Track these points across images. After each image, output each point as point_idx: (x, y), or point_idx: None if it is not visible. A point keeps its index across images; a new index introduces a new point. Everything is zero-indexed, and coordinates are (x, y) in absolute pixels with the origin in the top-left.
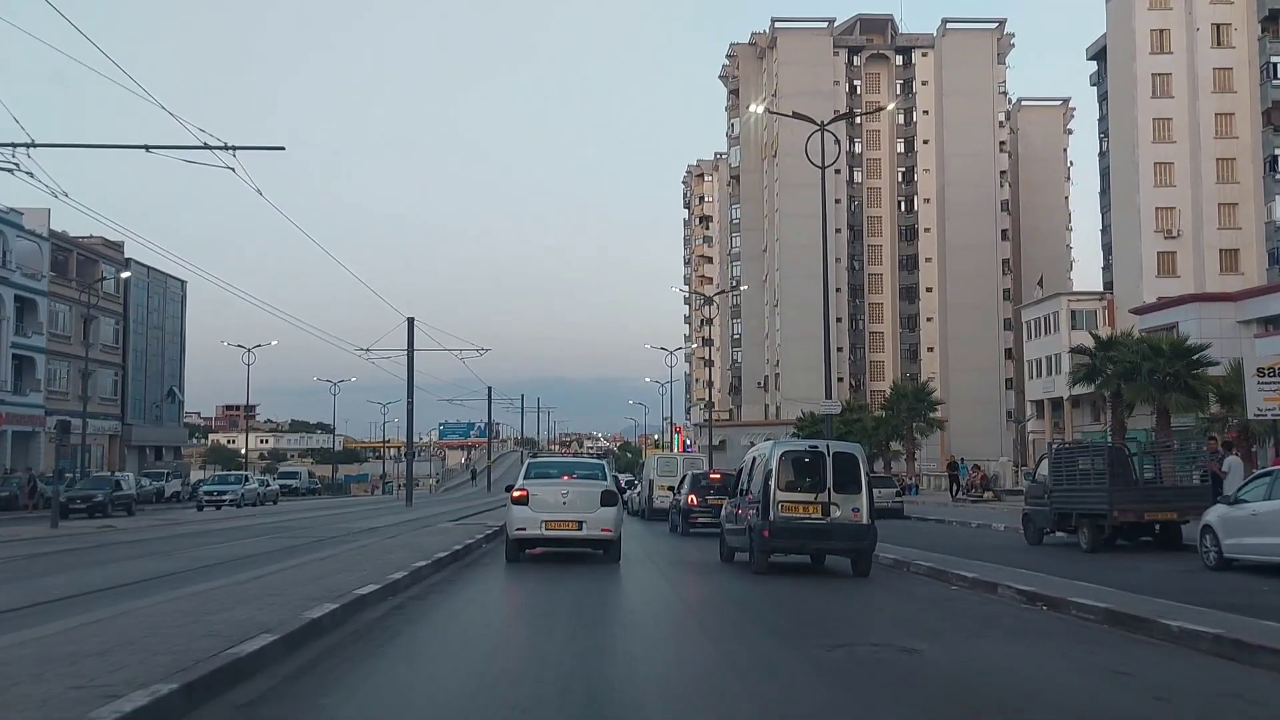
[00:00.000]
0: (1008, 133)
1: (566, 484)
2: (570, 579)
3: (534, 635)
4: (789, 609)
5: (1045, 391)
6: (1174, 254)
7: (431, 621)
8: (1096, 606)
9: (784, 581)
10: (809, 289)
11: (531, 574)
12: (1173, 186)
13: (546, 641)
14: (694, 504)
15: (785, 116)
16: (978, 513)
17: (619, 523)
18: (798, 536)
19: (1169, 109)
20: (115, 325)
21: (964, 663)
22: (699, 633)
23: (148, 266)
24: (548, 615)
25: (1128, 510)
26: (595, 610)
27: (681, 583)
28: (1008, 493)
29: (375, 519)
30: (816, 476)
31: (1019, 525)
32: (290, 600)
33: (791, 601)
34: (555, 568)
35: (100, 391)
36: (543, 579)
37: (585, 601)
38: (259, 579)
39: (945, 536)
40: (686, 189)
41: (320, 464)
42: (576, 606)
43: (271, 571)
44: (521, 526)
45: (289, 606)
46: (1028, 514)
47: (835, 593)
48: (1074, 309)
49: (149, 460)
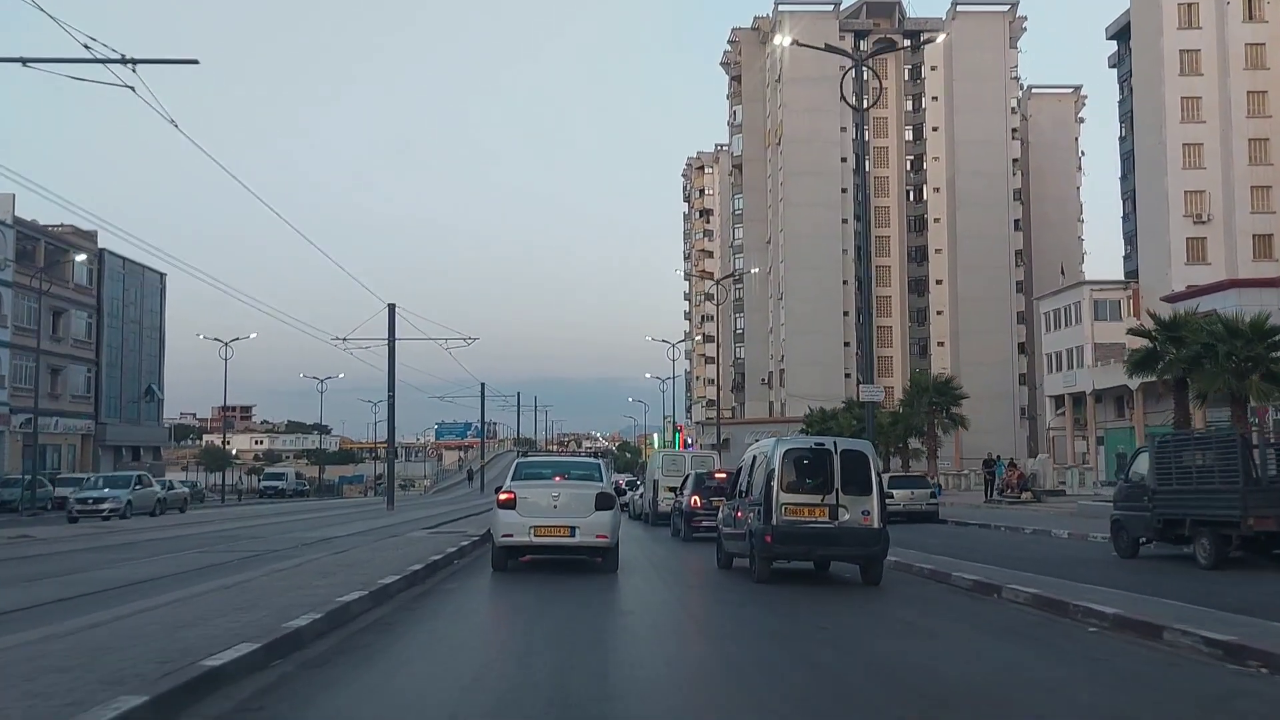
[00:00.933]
0: (1020, 119)
1: (558, 486)
2: (558, 600)
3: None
4: (837, 651)
5: (1066, 386)
6: (1204, 240)
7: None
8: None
9: (794, 596)
10: (816, 281)
11: (512, 594)
12: (1202, 169)
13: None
14: (697, 506)
15: (792, 101)
16: (1022, 516)
17: (616, 528)
18: (803, 542)
19: (1198, 87)
20: (88, 319)
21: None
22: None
23: (123, 258)
24: (521, 663)
25: (1267, 517)
26: (585, 647)
27: (692, 606)
28: (1048, 493)
29: (342, 526)
30: (823, 477)
31: (1083, 531)
32: (80, 684)
33: (839, 641)
34: (544, 581)
35: (71, 389)
36: (521, 606)
37: (571, 633)
38: (71, 635)
39: (1004, 547)
40: (686, 182)
41: (316, 465)
42: (559, 643)
43: (107, 620)
44: (508, 533)
45: (84, 686)
46: (1119, 520)
47: (902, 633)
48: (1096, 299)
49: (125, 461)
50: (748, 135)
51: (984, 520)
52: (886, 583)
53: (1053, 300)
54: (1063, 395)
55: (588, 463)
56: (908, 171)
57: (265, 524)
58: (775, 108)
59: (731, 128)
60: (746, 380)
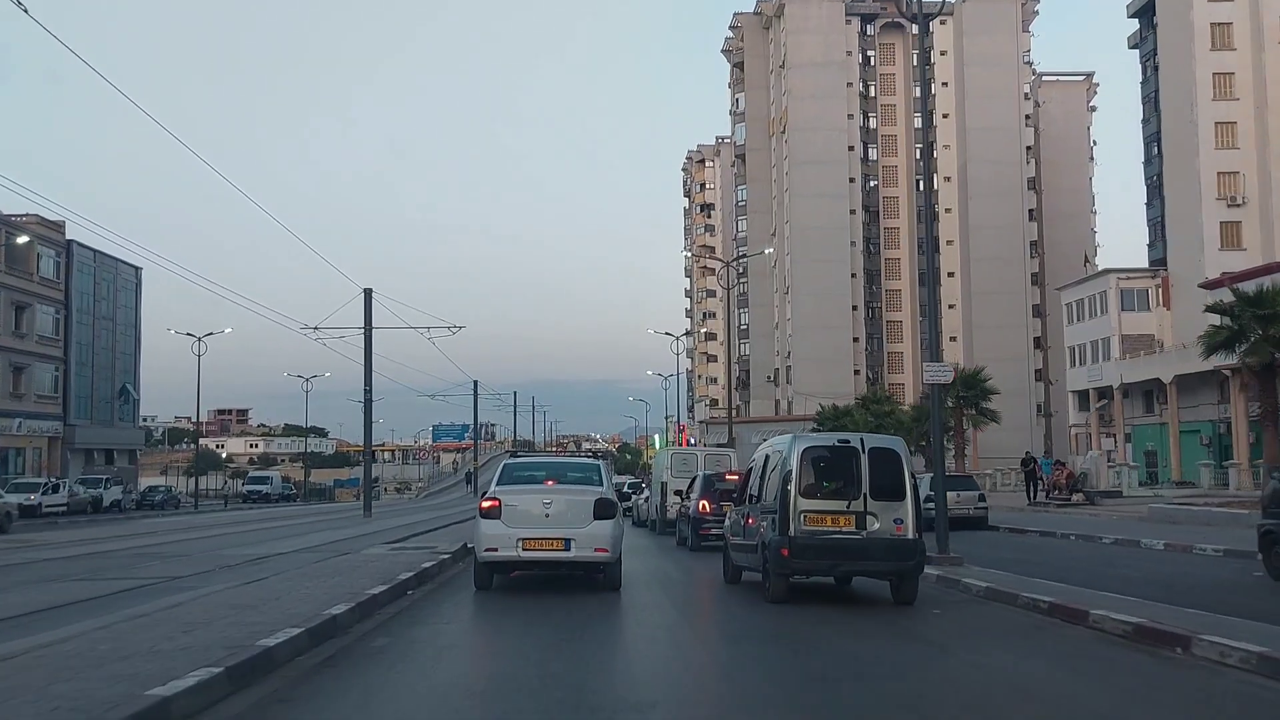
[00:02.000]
0: (1032, 106)
1: (551, 491)
2: (544, 633)
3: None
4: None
5: (1091, 380)
6: (1239, 224)
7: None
8: None
9: (819, 619)
10: (824, 274)
11: (457, 666)
12: (1236, 149)
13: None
14: (706, 511)
15: (797, 87)
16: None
17: (618, 540)
18: (825, 555)
19: (1230, 62)
20: (55, 314)
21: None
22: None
23: (94, 250)
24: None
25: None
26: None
27: (707, 637)
28: (1103, 495)
29: (297, 538)
30: (848, 479)
31: (1181, 540)
32: None
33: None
34: (529, 606)
35: (37, 388)
36: (495, 653)
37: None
38: None
39: (1091, 562)
40: (686, 176)
41: (316, 468)
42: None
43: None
44: (491, 546)
45: None
46: (1271, 532)
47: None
48: (1123, 288)
49: (98, 464)
50: (751, 124)
51: (1044, 526)
52: (977, 616)
53: (1076, 290)
54: (1087, 390)
55: (586, 464)
56: (917, 160)
57: (210, 536)
58: (780, 94)
59: (734, 116)
60: (751, 378)
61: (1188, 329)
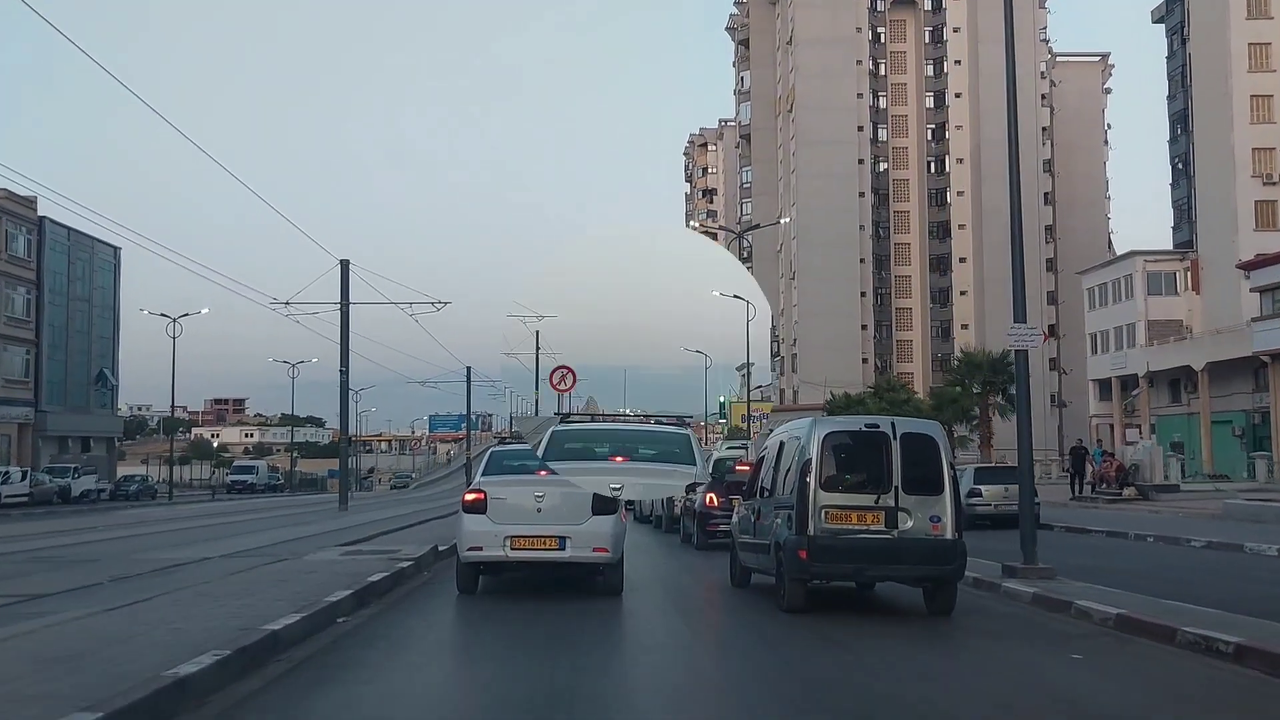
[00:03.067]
0: (1049, 85)
1: (542, 484)
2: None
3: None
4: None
5: (1114, 368)
6: (1274, 203)
7: None
8: None
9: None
10: (831, 258)
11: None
12: (1272, 124)
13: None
14: (714, 505)
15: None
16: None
17: (619, 538)
18: (850, 558)
19: (1267, 31)
20: (26, 294)
21: None
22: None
23: (68, 228)
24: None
25: None
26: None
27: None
28: (1158, 489)
29: (246, 536)
30: (877, 470)
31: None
32: None
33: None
34: (518, 614)
35: (6, 371)
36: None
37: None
38: None
39: (1199, 572)
40: (688, 160)
41: (310, 457)
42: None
43: None
44: (475, 545)
45: None
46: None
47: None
48: (1150, 271)
49: (74, 453)
50: (756, 103)
51: (1106, 525)
52: (1136, 664)
53: (1098, 274)
54: (1109, 379)
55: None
56: (929, 141)
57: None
58: (786, 72)
59: (739, 95)
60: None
61: (1219, 314)
